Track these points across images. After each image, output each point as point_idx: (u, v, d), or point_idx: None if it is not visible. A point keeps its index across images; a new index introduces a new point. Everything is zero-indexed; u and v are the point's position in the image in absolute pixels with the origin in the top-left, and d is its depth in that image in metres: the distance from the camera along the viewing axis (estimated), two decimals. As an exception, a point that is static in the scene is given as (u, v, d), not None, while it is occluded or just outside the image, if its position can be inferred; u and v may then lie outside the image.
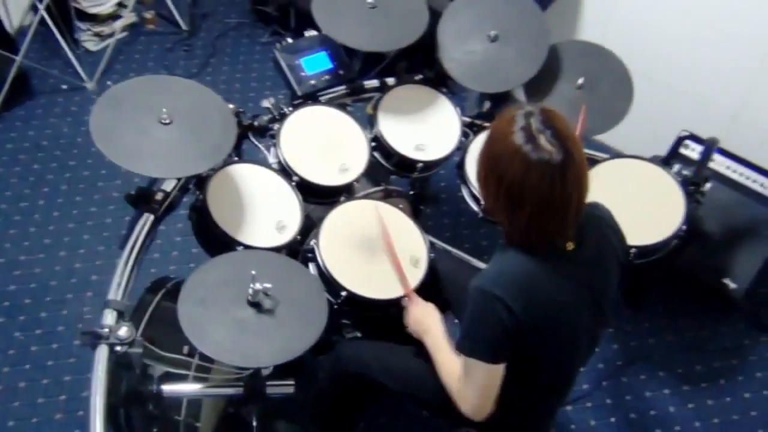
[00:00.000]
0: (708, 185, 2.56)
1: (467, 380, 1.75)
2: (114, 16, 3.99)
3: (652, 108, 2.81)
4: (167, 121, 1.93)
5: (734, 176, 2.94)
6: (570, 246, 1.69)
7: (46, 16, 3.55)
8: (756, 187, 2.91)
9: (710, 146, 2.50)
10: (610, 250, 1.82)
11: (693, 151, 2.99)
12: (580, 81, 2.44)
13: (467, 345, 1.71)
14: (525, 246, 1.67)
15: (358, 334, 2.42)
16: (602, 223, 1.82)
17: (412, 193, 2.90)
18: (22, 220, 3.18)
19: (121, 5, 3.99)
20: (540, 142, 1.55)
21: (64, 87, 3.76)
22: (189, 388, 2.04)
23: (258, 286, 1.76)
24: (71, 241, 3.11)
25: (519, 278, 1.65)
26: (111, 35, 3.95)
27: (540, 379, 1.82)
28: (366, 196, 2.37)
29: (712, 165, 2.93)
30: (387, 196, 2.47)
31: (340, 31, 2.37)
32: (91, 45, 3.94)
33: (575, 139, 1.59)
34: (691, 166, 2.55)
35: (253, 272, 1.74)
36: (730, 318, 3.04)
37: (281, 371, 2.01)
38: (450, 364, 1.84)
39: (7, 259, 3.03)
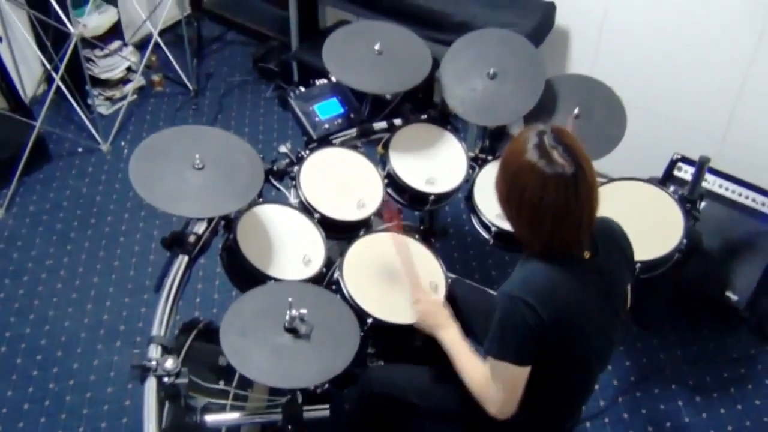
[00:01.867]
0: (703, 203, 2.71)
1: (494, 382, 1.84)
2: (124, 81, 4.17)
3: (643, 135, 2.95)
4: (200, 166, 2.07)
5: (727, 194, 3.09)
6: (587, 255, 1.84)
7: (61, 85, 3.72)
8: (748, 202, 3.06)
9: (702, 164, 2.64)
10: (622, 258, 1.97)
11: (686, 173, 3.15)
12: (576, 111, 2.58)
13: (496, 348, 1.81)
14: (546, 256, 1.80)
15: (382, 364, 2.53)
16: (614, 234, 1.97)
17: (422, 228, 3.05)
18: (48, 277, 3.29)
19: (130, 70, 4.17)
20: (553, 157, 1.69)
21: (80, 150, 3.92)
22: (230, 416, 2.14)
23: (294, 312, 1.88)
24: (97, 295, 3.23)
25: (543, 284, 1.78)
26: (122, 99, 4.13)
27: (563, 380, 1.93)
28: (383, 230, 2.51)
29: (705, 185, 3.08)
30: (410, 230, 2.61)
31: (350, 77, 2.54)
32: (104, 109, 4.12)
33: (585, 154, 1.74)
34: (685, 186, 2.70)
35: (290, 299, 1.87)
36: (735, 329, 3.14)
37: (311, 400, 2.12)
38: (472, 366, 1.94)
39: (36, 315, 3.14)
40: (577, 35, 3.50)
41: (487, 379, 1.87)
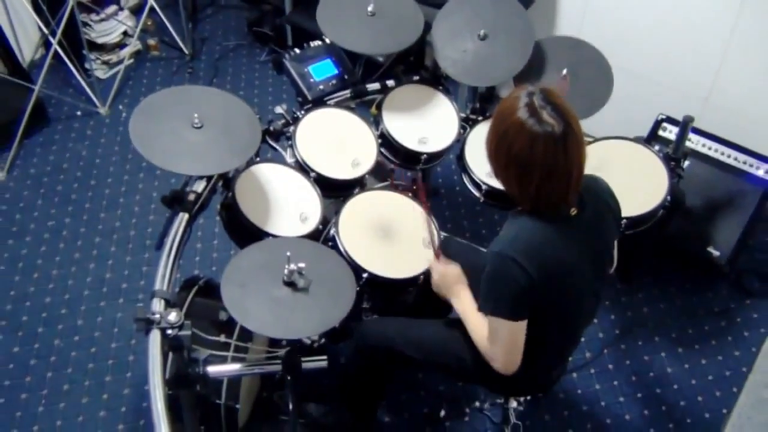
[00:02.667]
0: (687, 162, 2.73)
1: (494, 339, 1.89)
2: (120, 45, 4.13)
3: (629, 96, 2.95)
4: (199, 125, 2.07)
5: (710, 153, 3.12)
6: (573, 211, 1.86)
7: (59, 49, 3.69)
8: (731, 161, 3.09)
9: (686, 124, 2.65)
10: (609, 215, 1.98)
11: (671, 132, 3.16)
12: (564, 72, 2.59)
13: (488, 305, 1.86)
14: (534, 212, 1.82)
15: (376, 317, 2.56)
16: (601, 192, 1.98)
17: (414, 188, 3.06)
18: (51, 238, 3.30)
19: (126, 34, 4.13)
20: (543, 117, 1.71)
21: (79, 113, 3.90)
22: (232, 368, 2.17)
23: (293, 266, 1.90)
24: (99, 254, 3.24)
25: (531, 241, 1.80)
26: (119, 63, 4.10)
27: (551, 332, 1.96)
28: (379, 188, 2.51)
29: (690, 144, 3.10)
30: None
31: (344, 38, 2.53)
32: (101, 73, 4.09)
33: (573, 113, 1.75)
34: (670, 145, 2.71)
35: (288, 253, 1.88)
36: (716, 284, 3.18)
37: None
38: (479, 327, 1.97)
39: (40, 275, 3.15)
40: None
41: (489, 336, 1.91)
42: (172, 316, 1.92)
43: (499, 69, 2.59)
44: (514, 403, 2.61)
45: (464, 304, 2.08)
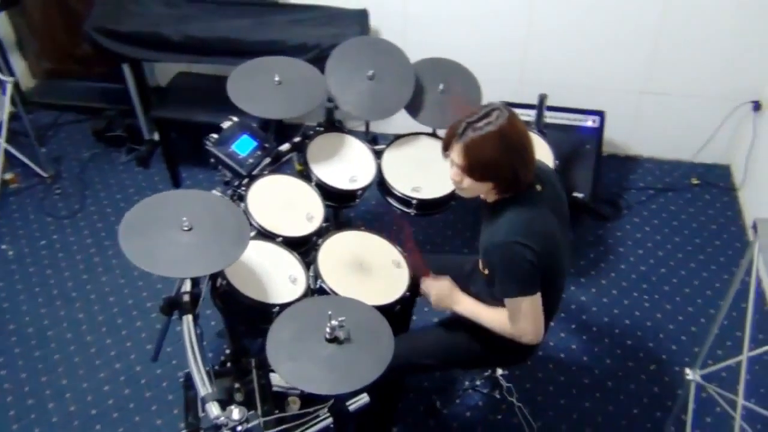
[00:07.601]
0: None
1: (519, 316, 1.84)
2: (-23, 188, 3.54)
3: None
4: (188, 228, 1.80)
5: (550, 120, 3.24)
6: (539, 188, 1.87)
7: None
8: (565, 121, 3.29)
9: (542, 100, 2.79)
10: (559, 186, 2.02)
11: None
12: (441, 86, 2.60)
13: (512, 288, 1.82)
14: (512, 200, 1.83)
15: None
16: (546, 169, 2.02)
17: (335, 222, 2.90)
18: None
19: (-20, 177, 3.54)
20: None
21: (-40, 261, 3.28)
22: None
23: (333, 322, 1.72)
24: (66, 369, 2.74)
25: (523, 223, 1.81)
26: (-16, 204, 3.50)
27: (550, 293, 1.95)
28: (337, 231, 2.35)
29: (528, 118, 3.23)
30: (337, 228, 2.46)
31: (255, 107, 2.35)
32: (-31, 220, 3.47)
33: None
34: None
35: (330, 312, 1.70)
36: (582, 220, 3.36)
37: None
38: (497, 317, 1.92)
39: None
40: (387, 31, 3.47)
41: (512, 318, 1.86)
42: (235, 413, 1.68)
43: (393, 99, 2.54)
44: (499, 371, 2.59)
45: (470, 305, 2.02)
